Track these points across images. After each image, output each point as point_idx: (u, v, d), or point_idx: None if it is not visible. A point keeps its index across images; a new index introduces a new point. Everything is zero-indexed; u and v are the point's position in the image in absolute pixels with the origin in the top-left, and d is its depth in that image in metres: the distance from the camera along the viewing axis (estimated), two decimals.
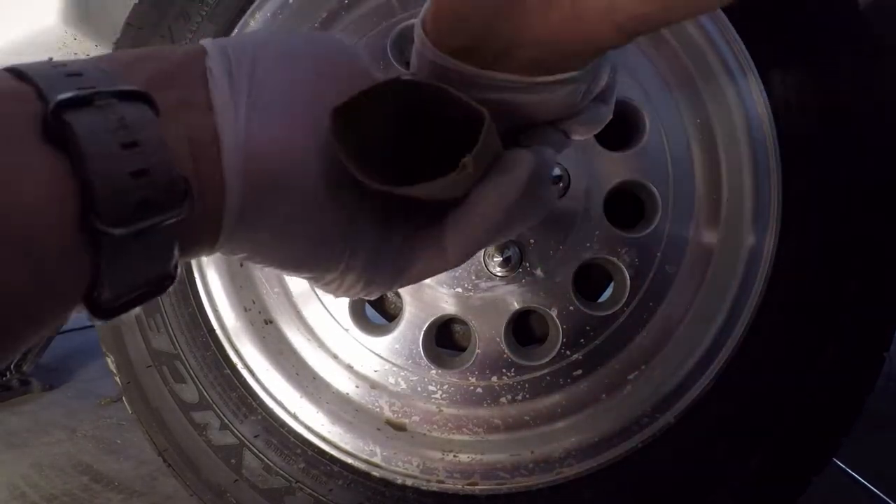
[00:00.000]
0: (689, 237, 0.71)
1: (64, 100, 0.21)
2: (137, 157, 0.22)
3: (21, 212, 0.20)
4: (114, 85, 0.23)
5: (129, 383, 0.76)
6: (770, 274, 0.65)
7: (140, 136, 0.23)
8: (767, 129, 0.65)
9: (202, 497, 0.74)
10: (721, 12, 0.66)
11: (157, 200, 0.23)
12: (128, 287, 0.24)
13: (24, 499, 1.17)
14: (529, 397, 0.73)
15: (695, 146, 0.71)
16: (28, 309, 0.21)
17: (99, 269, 0.22)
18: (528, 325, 0.82)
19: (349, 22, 0.78)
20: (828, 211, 0.63)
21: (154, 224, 0.23)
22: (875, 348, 0.63)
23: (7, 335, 0.20)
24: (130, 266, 0.23)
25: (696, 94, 0.70)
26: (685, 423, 0.67)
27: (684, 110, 0.71)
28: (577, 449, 0.69)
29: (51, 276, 0.21)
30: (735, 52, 0.66)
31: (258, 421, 0.74)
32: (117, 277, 0.23)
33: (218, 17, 0.74)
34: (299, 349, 0.77)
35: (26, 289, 0.20)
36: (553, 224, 0.71)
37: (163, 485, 1.18)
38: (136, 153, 0.22)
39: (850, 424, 0.63)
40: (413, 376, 0.75)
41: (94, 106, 0.22)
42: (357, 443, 0.73)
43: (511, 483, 0.69)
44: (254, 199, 0.27)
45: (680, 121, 0.71)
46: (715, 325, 0.68)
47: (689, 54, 0.70)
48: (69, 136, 0.21)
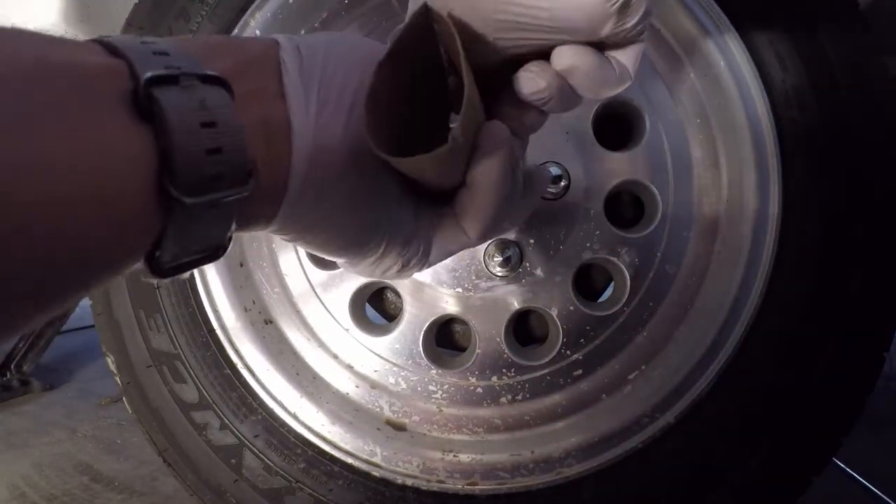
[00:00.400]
0: (690, 237, 0.71)
1: (153, 76, 0.23)
2: (214, 137, 0.24)
3: (107, 175, 0.22)
4: (197, 68, 0.25)
5: (129, 383, 0.76)
6: (770, 274, 0.65)
7: (218, 118, 0.25)
8: (767, 126, 0.65)
9: (202, 497, 0.74)
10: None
11: (226, 177, 0.25)
12: (185, 251, 0.26)
13: (24, 499, 1.17)
14: (529, 397, 0.73)
15: (695, 146, 0.71)
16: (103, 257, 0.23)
17: (165, 232, 0.25)
18: (528, 325, 0.82)
19: (349, 22, 0.78)
20: (828, 211, 0.63)
21: (220, 198, 0.25)
22: (875, 348, 0.63)
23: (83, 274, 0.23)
24: (192, 232, 0.26)
25: (694, 90, 0.70)
26: (685, 424, 0.67)
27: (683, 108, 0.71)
28: (577, 449, 0.69)
29: (125, 233, 0.23)
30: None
31: (258, 421, 0.74)
32: (179, 241, 0.25)
33: (218, 17, 0.74)
34: (299, 349, 0.77)
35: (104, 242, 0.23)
36: (553, 224, 0.72)
37: (163, 485, 1.18)
38: (214, 133, 0.24)
39: (850, 424, 0.63)
40: (413, 376, 0.75)
41: (180, 86, 0.24)
42: (357, 443, 0.73)
43: (511, 483, 0.70)
44: (313, 185, 0.30)
45: (679, 120, 0.71)
46: (715, 325, 0.68)
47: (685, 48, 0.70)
48: (156, 110, 0.23)
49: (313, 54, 0.31)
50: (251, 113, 0.28)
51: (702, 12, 0.68)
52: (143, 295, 0.76)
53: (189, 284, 0.76)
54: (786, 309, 0.64)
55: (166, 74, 0.24)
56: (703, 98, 0.70)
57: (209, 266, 0.76)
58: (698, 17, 0.68)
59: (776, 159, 0.65)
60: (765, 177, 0.66)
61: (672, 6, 0.69)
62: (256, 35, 0.31)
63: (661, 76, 0.72)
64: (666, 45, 0.71)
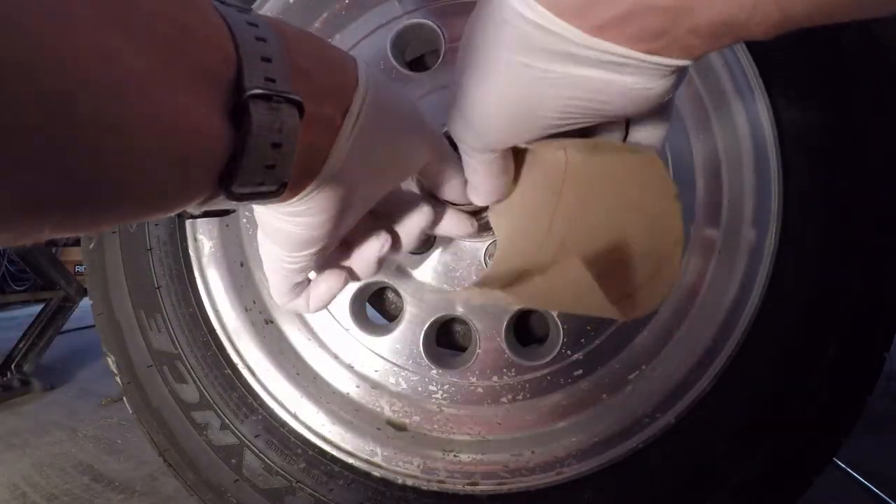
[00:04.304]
0: (690, 237, 0.71)
1: (255, 94, 0.27)
2: (276, 157, 0.29)
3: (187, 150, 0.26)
4: (288, 87, 0.29)
5: (129, 383, 0.76)
6: (770, 274, 0.65)
7: (285, 140, 0.29)
8: (768, 130, 0.65)
9: (203, 497, 0.74)
10: None
11: (268, 184, 0.30)
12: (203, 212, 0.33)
13: (25, 499, 1.17)
14: (530, 397, 0.73)
15: (695, 145, 0.71)
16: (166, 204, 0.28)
17: (202, 203, 0.31)
18: (528, 325, 0.82)
19: (349, 22, 0.78)
20: (828, 211, 0.63)
21: (255, 197, 0.31)
22: (875, 348, 0.63)
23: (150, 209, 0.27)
24: (217, 204, 0.32)
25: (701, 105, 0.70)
26: (685, 424, 0.67)
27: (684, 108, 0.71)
28: (577, 449, 0.69)
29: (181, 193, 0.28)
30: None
31: (259, 421, 0.74)
32: (205, 208, 0.32)
33: None
34: (300, 349, 0.77)
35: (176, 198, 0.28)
36: None
37: (163, 485, 1.18)
38: (277, 153, 0.29)
39: (850, 424, 0.63)
40: (414, 376, 0.75)
41: (271, 104, 0.28)
42: (357, 442, 0.73)
43: (511, 483, 0.70)
44: (309, 201, 0.35)
45: (680, 119, 0.71)
46: (715, 324, 0.68)
47: None
48: (246, 124, 0.27)
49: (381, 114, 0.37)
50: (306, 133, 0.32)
51: None
52: (144, 295, 0.76)
53: (190, 284, 0.76)
54: (786, 309, 0.64)
55: (265, 94, 0.28)
56: (704, 98, 0.70)
57: (210, 266, 0.77)
58: None
59: (777, 159, 0.65)
60: (765, 175, 0.66)
61: None
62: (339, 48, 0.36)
63: None
64: None
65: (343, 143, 0.34)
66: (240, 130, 0.28)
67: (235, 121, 0.28)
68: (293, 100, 0.29)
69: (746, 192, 0.68)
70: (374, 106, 0.36)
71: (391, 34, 0.76)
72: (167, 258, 0.76)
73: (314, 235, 0.38)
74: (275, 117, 0.28)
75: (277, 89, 0.28)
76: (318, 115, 0.32)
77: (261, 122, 0.28)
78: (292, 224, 0.37)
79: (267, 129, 0.28)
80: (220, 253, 0.76)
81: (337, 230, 0.39)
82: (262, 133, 0.28)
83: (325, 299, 0.47)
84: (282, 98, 0.29)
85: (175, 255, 0.76)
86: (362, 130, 0.35)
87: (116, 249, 0.76)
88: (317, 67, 0.33)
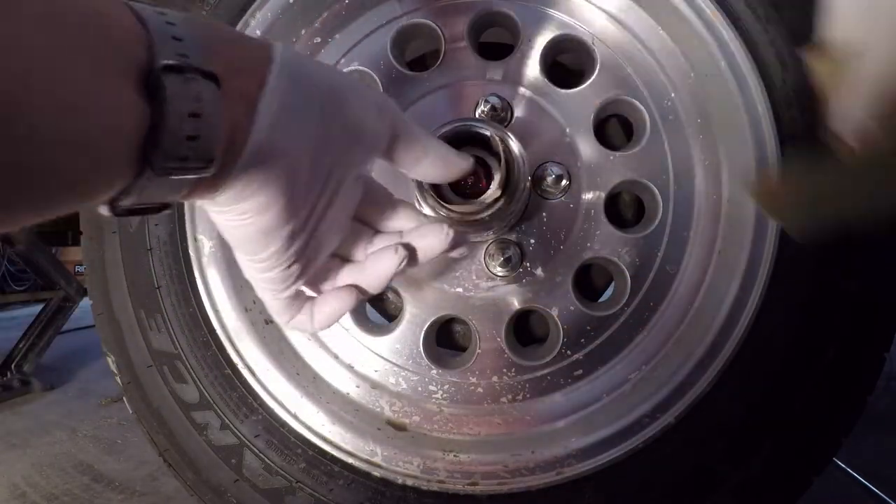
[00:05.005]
0: (690, 237, 0.71)
1: (167, 65, 0.28)
2: (196, 126, 0.29)
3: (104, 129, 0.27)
4: (202, 62, 0.30)
5: (129, 383, 0.76)
6: (770, 274, 0.65)
7: (203, 111, 0.30)
8: (768, 126, 0.65)
9: (203, 497, 0.74)
10: None
11: (193, 159, 0.30)
12: (139, 204, 0.32)
13: (25, 498, 1.17)
14: (530, 397, 0.73)
15: (695, 145, 0.71)
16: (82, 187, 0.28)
17: (131, 188, 0.30)
18: (528, 325, 0.82)
19: (350, 21, 0.78)
20: None
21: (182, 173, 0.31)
22: (875, 348, 0.63)
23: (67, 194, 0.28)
24: (152, 193, 0.31)
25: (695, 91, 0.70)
26: (685, 424, 0.67)
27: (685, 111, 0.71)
28: (577, 449, 0.69)
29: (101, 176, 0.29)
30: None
31: (259, 421, 0.74)
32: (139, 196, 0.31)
33: (219, 16, 0.74)
34: (300, 349, 0.77)
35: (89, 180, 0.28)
36: (554, 223, 0.72)
37: (163, 485, 1.18)
38: (197, 122, 0.29)
39: (850, 424, 0.63)
40: (414, 376, 0.75)
41: (185, 76, 0.29)
42: (357, 442, 0.73)
43: (511, 483, 0.70)
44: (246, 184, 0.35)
45: (680, 120, 0.71)
46: (715, 325, 0.68)
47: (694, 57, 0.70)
48: (160, 95, 0.28)
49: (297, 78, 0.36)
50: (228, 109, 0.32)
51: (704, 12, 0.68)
52: (144, 295, 0.76)
53: (190, 285, 0.76)
54: (786, 309, 0.64)
55: (177, 65, 0.29)
56: (704, 98, 0.70)
57: (210, 266, 0.77)
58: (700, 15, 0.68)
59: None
60: None
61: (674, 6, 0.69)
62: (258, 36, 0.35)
63: (666, 76, 0.72)
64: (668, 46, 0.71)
65: (263, 118, 0.34)
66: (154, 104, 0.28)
67: (151, 95, 0.28)
68: (207, 72, 0.30)
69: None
70: (294, 80, 0.36)
71: (391, 34, 0.76)
72: (167, 258, 0.76)
73: (265, 227, 0.37)
74: (190, 87, 0.29)
75: (190, 63, 0.29)
76: (235, 90, 0.33)
77: (175, 92, 0.28)
78: (239, 218, 0.37)
79: (182, 98, 0.29)
80: (220, 253, 0.76)
81: (290, 219, 0.38)
82: (177, 101, 0.28)
83: (331, 318, 0.46)
84: (195, 71, 0.29)
85: (175, 255, 0.76)
86: (284, 106, 0.35)
87: (116, 249, 0.76)
88: (228, 47, 0.34)
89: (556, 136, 0.72)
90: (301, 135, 0.36)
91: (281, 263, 0.40)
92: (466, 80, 0.74)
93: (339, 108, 0.38)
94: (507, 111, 0.73)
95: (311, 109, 0.37)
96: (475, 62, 0.75)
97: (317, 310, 0.46)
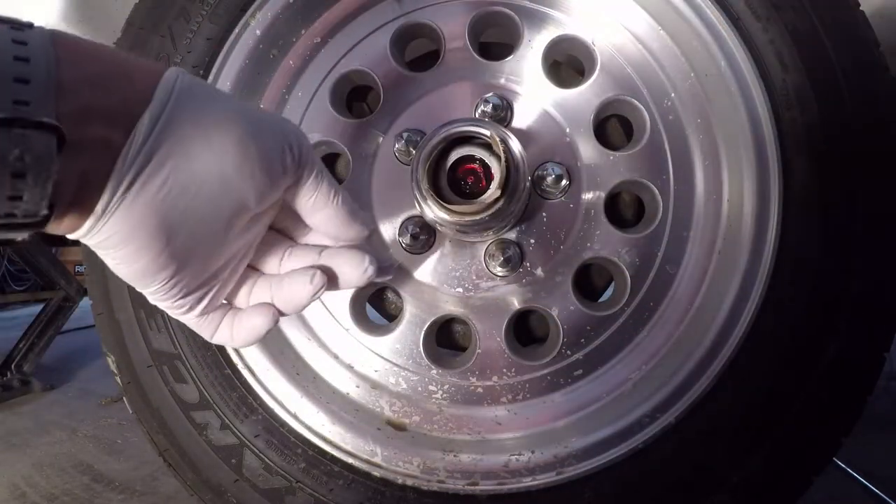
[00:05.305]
0: (690, 237, 0.71)
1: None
2: (18, 185, 0.27)
3: None
4: (45, 112, 0.27)
5: (129, 383, 0.76)
6: (771, 274, 0.65)
7: (28, 171, 0.27)
8: (768, 126, 0.65)
9: (202, 497, 0.73)
10: None
11: (22, 216, 0.28)
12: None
13: (25, 498, 1.17)
14: (530, 397, 0.73)
15: (695, 145, 0.71)
16: None
17: None
18: (528, 325, 0.82)
19: (350, 21, 0.78)
20: (829, 212, 0.63)
21: (10, 230, 0.29)
22: (875, 348, 0.63)
23: None
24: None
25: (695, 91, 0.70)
26: (685, 424, 0.67)
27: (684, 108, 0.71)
28: (577, 449, 0.69)
29: None
30: None
31: (259, 421, 0.74)
32: None
33: (219, 16, 0.74)
34: (300, 349, 0.77)
35: None
36: (554, 224, 0.72)
37: (163, 485, 1.18)
38: (21, 182, 0.27)
39: (850, 424, 0.63)
40: (414, 376, 0.75)
41: (13, 131, 0.26)
42: (357, 442, 0.73)
43: (511, 483, 0.69)
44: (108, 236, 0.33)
45: (680, 120, 0.71)
46: (715, 325, 0.67)
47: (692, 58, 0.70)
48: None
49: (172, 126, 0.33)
50: (80, 161, 0.30)
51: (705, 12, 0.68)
52: (144, 295, 0.76)
53: None
54: (786, 309, 0.64)
55: (5, 118, 0.26)
56: (704, 98, 0.70)
57: None
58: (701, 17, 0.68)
59: (776, 159, 0.65)
60: (765, 177, 0.66)
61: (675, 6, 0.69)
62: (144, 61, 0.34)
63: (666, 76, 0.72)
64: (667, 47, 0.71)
65: (124, 170, 0.31)
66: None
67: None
68: (47, 124, 0.27)
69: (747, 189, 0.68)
70: (177, 122, 0.33)
71: (391, 34, 0.76)
72: None
73: (140, 272, 0.35)
74: (16, 145, 0.26)
75: (26, 114, 0.26)
76: (93, 139, 0.30)
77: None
78: (108, 257, 0.35)
79: (2, 158, 0.26)
80: None
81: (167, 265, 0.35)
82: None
83: (251, 336, 0.43)
84: (29, 123, 0.26)
85: None
86: (155, 150, 0.32)
87: None
88: (94, 85, 0.31)
89: (556, 136, 0.72)
90: (176, 184, 0.33)
91: (169, 298, 0.38)
92: (467, 80, 0.74)
93: (232, 151, 0.35)
94: (507, 111, 0.73)
95: (193, 155, 0.34)
96: (475, 62, 0.75)
97: (236, 326, 0.43)
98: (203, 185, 0.34)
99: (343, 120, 0.78)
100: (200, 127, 0.34)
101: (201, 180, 0.34)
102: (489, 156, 0.61)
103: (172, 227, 0.34)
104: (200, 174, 0.34)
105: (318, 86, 0.78)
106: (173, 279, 0.37)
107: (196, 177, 0.34)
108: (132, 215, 0.32)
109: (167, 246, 0.34)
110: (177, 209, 0.34)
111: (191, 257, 0.36)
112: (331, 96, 0.77)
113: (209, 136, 0.34)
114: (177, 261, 0.36)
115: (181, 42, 0.75)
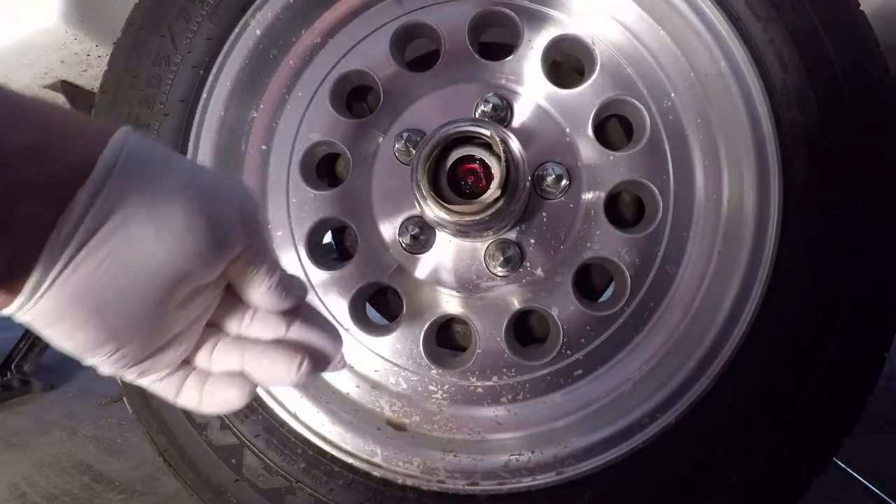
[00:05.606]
0: (690, 237, 0.71)
1: None
2: None
3: None
4: None
5: (129, 383, 0.76)
6: (771, 274, 0.65)
7: None
8: (768, 126, 0.65)
9: (202, 497, 0.73)
10: None
11: None
12: None
13: (25, 498, 1.17)
14: (530, 397, 0.73)
15: (695, 145, 0.71)
16: None
17: None
18: (528, 325, 0.82)
19: (350, 20, 0.78)
20: (829, 212, 0.63)
21: None
22: (875, 348, 0.63)
23: None
24: None
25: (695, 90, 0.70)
26: (685, 424, 0.67)
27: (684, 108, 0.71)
28: (577, 449, 0.69)
29: None
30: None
31: (259, 421, 0.74)
32: None
33: (219, 16, 0.74)
34: None
35: None
36: (554, 224, 0.72)
37: (163, 485, 1.18)
38: None
39: (850, 424, 0.63)
40: (414, 376, 0.75)
41: None
42: (357, 442, 0.73)
43: (511, 483, 0.69)
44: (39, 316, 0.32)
45: (680, 120, 0.71)
46: (715, 325, 0.67)
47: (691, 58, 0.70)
48: None
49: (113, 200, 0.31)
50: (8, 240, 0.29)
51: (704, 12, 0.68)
52: None
53: None
54: (786, 309, 0.64)
55: None
56: (704, 98, 0.70)
57: None
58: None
59: (776, 159, 0.65)
60: (765, 177, 0.66)
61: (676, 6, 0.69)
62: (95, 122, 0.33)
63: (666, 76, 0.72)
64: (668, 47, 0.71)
65: (54, 248, 0.30)
66: None
67: None
68: None
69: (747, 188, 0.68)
70: (117, 195, 0.31)
71: (391, 34, 0.76)
72: None
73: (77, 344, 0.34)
74: None
75: None
76: (20, 218, 0.29)
77: None
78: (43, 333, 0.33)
79: None
80: None
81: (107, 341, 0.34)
82: None
83: (222, 409, 0.41)
84: None
85: None
86: (94, 229, 0.30)
87: None
88: (27, 157, 0.29)
89: (556, 136, 0.72)
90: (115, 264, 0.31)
91: (117, 368, 0.36)
92: (467, 80, 0.74)
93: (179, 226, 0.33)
94: (507, 111, 0.73)
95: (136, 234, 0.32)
96: (475, 62, 0.75)
97: (207, 394, 0.41)
98: (144, 262, 0.32)
99: (343, 120, 0.78)
100: (146, 200, 0.32)
101: (143, 259, 0.32)
102: (489, 156, 0.61)
103: (110, 305, 0.32)
104: (143, 253, 0.32)
105: (319, 86, 0.78)
106: (117, 353, 0.35)
107: (137, 256, 0.32)
108: (64, 296, 0.31)
109: (106, 324, 0.33)
110: (115, 288, 0.32)
111: (134, 332, 0.35)
112: (331, 96, 0.77)
113: (155, 210, 0.32)
114: (118, 337, 0.34)
115: (181, 42, 0.75)
